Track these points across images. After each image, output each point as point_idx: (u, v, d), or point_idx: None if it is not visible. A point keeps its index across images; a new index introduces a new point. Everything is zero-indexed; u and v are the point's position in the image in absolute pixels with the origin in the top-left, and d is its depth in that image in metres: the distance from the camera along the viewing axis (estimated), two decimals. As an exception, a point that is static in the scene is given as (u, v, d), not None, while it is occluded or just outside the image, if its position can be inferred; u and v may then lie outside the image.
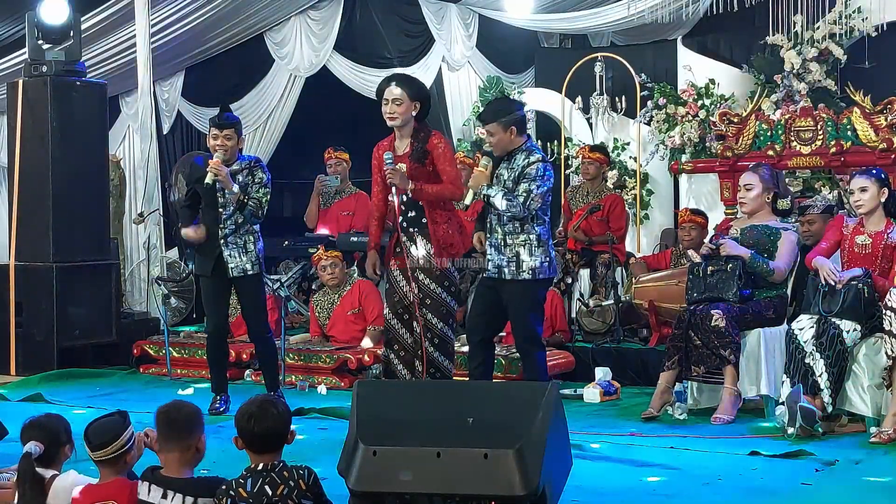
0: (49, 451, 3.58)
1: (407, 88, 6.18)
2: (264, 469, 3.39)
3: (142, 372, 8.30)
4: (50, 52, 8.50)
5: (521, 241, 5.90)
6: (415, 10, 11.43)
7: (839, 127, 7.67)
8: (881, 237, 6.06)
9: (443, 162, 6.14)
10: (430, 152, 6.14)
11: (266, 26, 10.64)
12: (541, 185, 5.85)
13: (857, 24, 9.88)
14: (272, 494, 3.34)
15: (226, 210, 6.68)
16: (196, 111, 10.60)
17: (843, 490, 4.79)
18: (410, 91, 6.17)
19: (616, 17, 10.84)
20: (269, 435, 3.42)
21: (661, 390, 6.35)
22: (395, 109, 6.13)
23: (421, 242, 6.17)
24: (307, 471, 3.42)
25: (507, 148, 5.97)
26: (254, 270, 6.72)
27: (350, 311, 7.98)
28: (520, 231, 5.90)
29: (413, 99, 6.15)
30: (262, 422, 3.41)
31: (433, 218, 6.15)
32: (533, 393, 3.81)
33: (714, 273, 6.40)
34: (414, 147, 6.15)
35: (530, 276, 5.89)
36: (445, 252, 6.17)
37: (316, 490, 3.41)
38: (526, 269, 5.88)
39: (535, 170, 5.85)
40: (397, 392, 4.17)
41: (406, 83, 6.25)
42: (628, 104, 11.07)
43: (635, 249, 10.20)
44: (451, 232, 6.19)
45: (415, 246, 6.19)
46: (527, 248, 5.89)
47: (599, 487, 4.78)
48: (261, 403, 3.47)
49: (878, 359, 5.85)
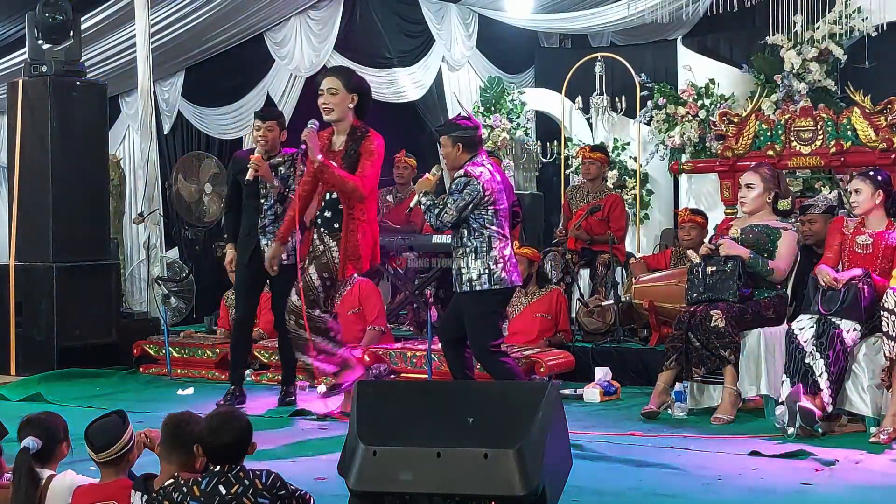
0: (46, 447, 3.58)
1: (343, 79, 6.02)
2: (220, 471, 3.38)
3: (142, 372, 8.29)
4: (50, 52, 8.51)
5: (460, 254, 5.91)
6: (415, 10, 11.44)
7: (839, 127, 7.67)
8: (882, 237, 6.06)
9: (365, 158, 5.95)
10: (362, 154, 5.97)
11: (266, 26, 10.64)
12: (457, 199, 5.79)
13: (857, 24, 9.89)
14: (225, 493, 3.32)
15: (266, 201, 6.72)
16: (196, 111, 10.60)
17: (843, 490, 4.79)
18: (346, 82, 6.00)
19: (616, 17, 10.85)
20: (231, 447, 3.41)
21: (660, 390, 6.35)
22: (329, 100, 5.97)
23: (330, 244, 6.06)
24: (266, 472, 3.40)
25: (454, 162, 5.96)
26: (289, 261, 6.63)
27: (350, 311, 7.97)
28: (459, 245, 5.92)
29: (350, 90, 5.99)
30: (224, 436, 3.40)
31: (347, 226, 6.00)
32: (533, 393, 3.81)
33: (714, 273, 6.39)
34: (348, 146, 6.01)
35: (468, 288, 5.87)
36: (350, 263, 6.03)
37: (275, 490, 3.36)
38: (465, 281, 5.88)
39: (456, 184, 5.85)
40: (397, 392, 4.16)
41: (342, 74, 6.10)
42: (628, 104, 11.08)
43: (635, 249, 10.21)
44: (362, 245, 6.02)
45: (323, 246, 6.09)
46: (465, 260, 5.88)
47: (599, 487, 4.78)
48: (225, 417, 3.47)
49: (878, 359, 5.85)
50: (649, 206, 10.98)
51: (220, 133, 10.69)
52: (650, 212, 10.99)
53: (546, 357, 7.31)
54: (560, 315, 7.91)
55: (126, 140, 10.62)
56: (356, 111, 6.06)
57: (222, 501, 3.31)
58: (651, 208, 11.01)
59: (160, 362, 8.27)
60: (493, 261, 5.85)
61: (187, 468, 3.46)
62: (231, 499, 3.32)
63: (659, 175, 10.99)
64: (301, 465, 5.18)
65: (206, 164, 9.79)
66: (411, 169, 9.54)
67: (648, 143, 10.98)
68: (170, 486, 3.36)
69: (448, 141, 5.95)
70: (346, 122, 6.04)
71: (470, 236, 5.88)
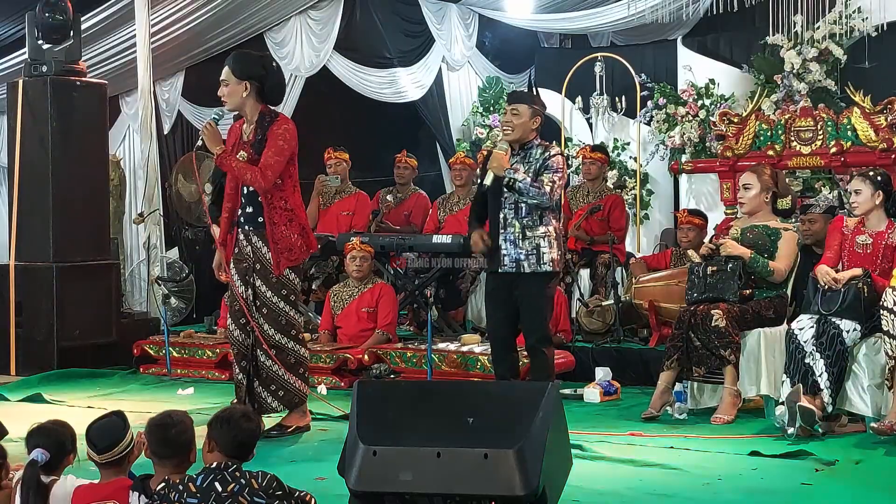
0: (54, 458, 3.58)
1: (234, 66, 5.71)
2: (217, 468, 3.40)
3: (142, 372, 8.29)
4: (50, 52, 8.51)
5: (540, 234, 5.88)
6: (415, 10, 11.43)
7: (839, 127, 7.67)
8: (882, 237, 6.06)
9: (269, 145, 5.63)
10: (268, 139, 5.67)
11: (266, 26, 10.63)
12: (556, 178, 5.86)
13: (857, 24, 9.89)
14: (221, 491, 3.33)
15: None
16: (196, 111, 10.59)
17: (843, 490, 4.79)
18: (237, 69, 5.70)
19: (616, 17, 10.84)
20: (242, 446, 3.46)
21: (661, 390, 6.34)
22: (223, 91, 5.75)
23: (257, 244, 5.76)
24: (262, 473, 3.41)
25: (524, 133, 5.95)
26: None
27: (364, 309, 7.97)
28: (539, 223, 5.89)
29: (241, 77, 5.69)
30: (241, 434, 3.46)
31: (271, 218, 5.69)
32: (533, 393, 3.81)
33: (714, 273, 6.39)
34: (256, 134, 5.73)
35: (551, 268, 5.89)
36: (283, 257, 5.70)
37: (271, 491, 3.37)
38: (547, 262, 5.87)
39: (556, 162, 5.89)
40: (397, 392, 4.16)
41: (234, 61, 5.76)
42: (628, 104, 11.07)
43: (635, 249, 10.21)
44: (290, 235, 5.72)
45: (250, 246, 5.78)
46: (546, 240, 5.88)
47: (599, 487, 4.78)
48: (242, 413, 3.53)
49: (878, 359, 5.85)
50: (649, 207, 10.97)
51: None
52: (650, 212, 10.99)
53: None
54: (560, 314, 7.91)
55: (126, 140, 10.62)
56: (259, 96, 5.75)
57: (219, 498, 3.32)
58: (651, 208, 11.00)
59: (160, 362, 8.27)
60: (559, 246, 5.95)
61: (180, 469, 3.48)
62: (227, 496, 3.33)
63: (659, 175, 10.98)
64: (301, 465, 5.18)
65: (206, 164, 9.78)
66: (412, 169, 9.54)
67: (648, 143, 10.97)
68: (162, 488, 3.38)
69: (528, 111, 5.97)
70: (248, 109, 5.75)
71: (547, 217, 5.92)
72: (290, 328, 5.82)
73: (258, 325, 5.73)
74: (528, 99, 6.06)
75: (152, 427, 3.53)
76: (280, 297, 5.77)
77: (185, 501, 3.33)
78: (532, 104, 6.00)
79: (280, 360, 5.76)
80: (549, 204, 5.87)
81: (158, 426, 3.52)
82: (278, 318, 5.78)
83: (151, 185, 9.56)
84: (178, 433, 3.50)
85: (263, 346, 5.74)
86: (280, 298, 5.77)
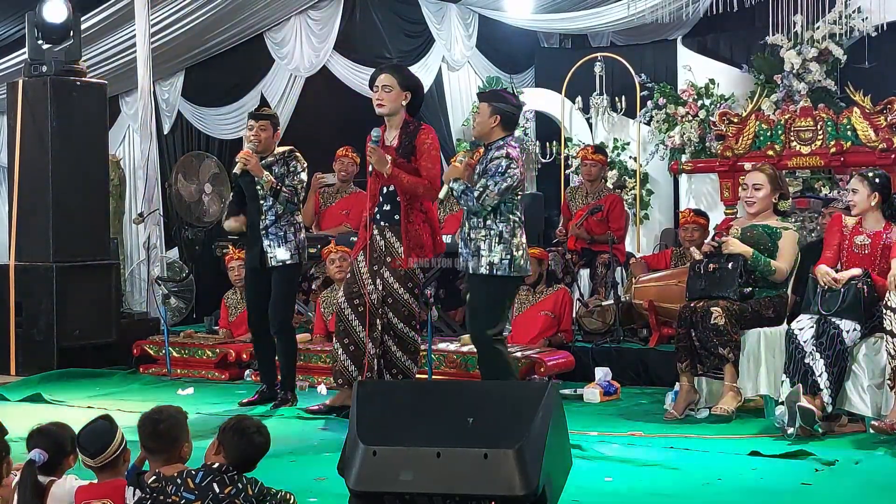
0: (53, 459, 3.59)
1: (397, 76, 6.12)
2: (217, 469, 3.43)
3: (142, 372, 8.29)
4: (50, 52, 8.51)
5: (481, 236, 5.82)
6: (415, 10, 11.44)
7: (839, 127, 7.68)
8: (880, 237, 6.06)
9: (426, 159, 6.06)
10: (417, 148, 6.08)
11: (266, 26, 10.63)
12: (499, 182, 5.72)
13: (857, 24, 9.90)
14: (219, 492, 3.38)
15: (265, 201, 6.68)
16: (196, 111, 10.59)
17: (843, 490, 4.79)
18: (400, 79, 6.11)
19: (616, 17, 10.86)
20: (250, 457, 3.51)
21: (686, 391, 6.31)
22: (383, 96, 6.07)
23: (391, 238, 6.11)
24: (253, 481, 3.47)
25: (484, 131, 5.91)
26: (292, 261, 6.65)
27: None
28: (481, 226, 5.83)
29: (403, 88, 6.10)
30: (251, 449, 3.51)
31: (408, 216, 6.08)
32: (533, 393, 3.81)
33: (715, 270, 6.39)
34: (402, 140, 6.09)
35: (486, 271, 5.79)
36: (414, 252, 6.09)
37: (261, 498, 3.43)
38: (483, 264, 5.81)
39: (496, 166, 5.76)
40: (397, 392, 4.16)
41: (397, 71, 6.19)
42: (628, 104, 11.08)
43: (635, 249, 10.22)
44: (423, 234, 6.12)
45: (383, 241, 6.14)
46: (486, 242, 5.80)
47: (599, 487, 4.78)
48: (256, 428, 3.56)
49: (878, 359, 5.85)
50: (649, 206, 10.98)
51: (220, 133, 10.68)
52: (650, 212, 11.00)
53: (546, 357, 7.31)
54: (564, 314, 7.91)
55: (126, 140, 10.61)
56: (408, 108, 6.16)
57: (216, 499, 3.37)
58: (651, 208, 11.01)
59: (160, 362, 8.27)
60: (516, 248, 5.82)
61: (171, 463, 3.52)
62: (224, 498, 3.37)
63: (659, 175, 10.99)
64: (301, 465, 5.18)
65: (206, 164, 9.78)
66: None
67: (648, 143, 10.98)
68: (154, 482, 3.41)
69: (487, 109, 5.88)
70: (397, 117, 6.14)
71: (496, 219, 5.82)
72: (411, 318, 6.22)
73: (385, 316, 6.14)
74: (490, 98, 5.98)
75: (143, 421, 3.58)
76: (406, 290, 6.16)
77: (182, 495, 3.37)
78: (491, 102, 5.91)
79: (402, 348, 6.20)
80: (478, 209, 5.77)
81: (148, 420, 3.57)
82: (402, 308, 6.16)
83: (151, 185, 9.56)
84: (168, 427, 3.54)
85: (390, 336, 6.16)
86: (406, 291, 6.16)
